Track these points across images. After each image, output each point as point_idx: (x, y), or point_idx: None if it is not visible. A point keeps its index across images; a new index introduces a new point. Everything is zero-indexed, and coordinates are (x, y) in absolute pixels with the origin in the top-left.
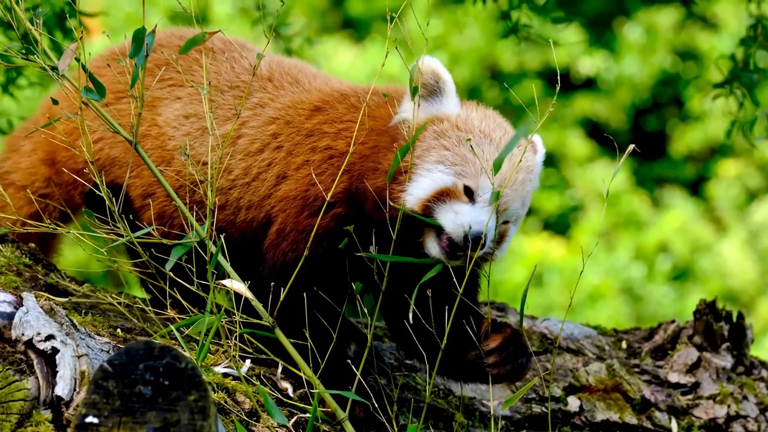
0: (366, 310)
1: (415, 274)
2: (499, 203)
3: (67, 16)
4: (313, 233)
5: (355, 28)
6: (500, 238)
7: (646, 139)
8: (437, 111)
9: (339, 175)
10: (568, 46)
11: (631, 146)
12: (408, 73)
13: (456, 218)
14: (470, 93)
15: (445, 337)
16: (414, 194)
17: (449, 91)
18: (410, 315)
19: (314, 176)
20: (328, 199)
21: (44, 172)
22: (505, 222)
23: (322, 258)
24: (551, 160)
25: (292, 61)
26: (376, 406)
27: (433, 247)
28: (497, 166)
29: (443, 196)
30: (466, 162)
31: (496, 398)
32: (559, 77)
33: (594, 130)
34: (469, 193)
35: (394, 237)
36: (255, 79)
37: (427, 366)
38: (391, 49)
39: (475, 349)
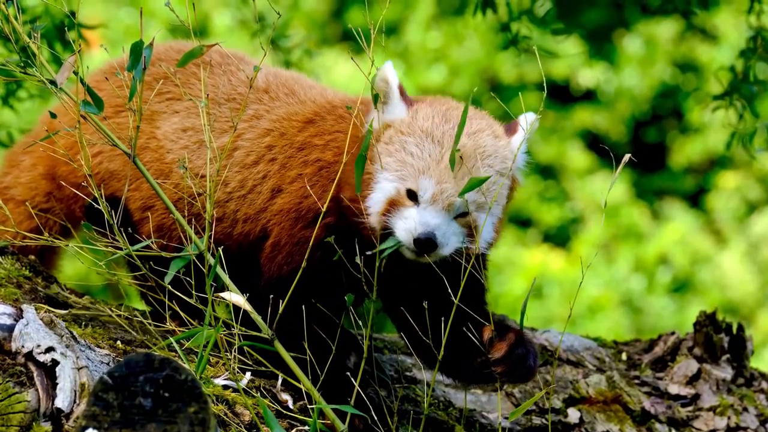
0: (360, 322)
1: (415, 274)
2: (443, 198)
3: (66, 28)
4: (310, 244)
5: (355, 40)
6: (470, 231)
7: (645, 151)
8: (387, 118)
9: (329, 186)
10: (568, 58)
11: (628, 155)
12: (370, 83)
13: (404, 224)
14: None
15: (443, 344)
16: (372, 211)
17: (393, 96)
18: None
19: (308, 188)
20: (323, 209)
21: (45, 186)
22: (463, 214)
23: (317, 269)
24: (551, 172)
25: (289, 73)
26: (376, 419)
27: (405, 251)
28: (452, 161)
29: (393, 205)
30: (405, 165)
31: (497, 410)
32: (545, 84)
33: (594, 142)
34: (413, 196)
35: (378, 247)
36: (251, 91)
37: (425, 374)
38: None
39: (480, 355)
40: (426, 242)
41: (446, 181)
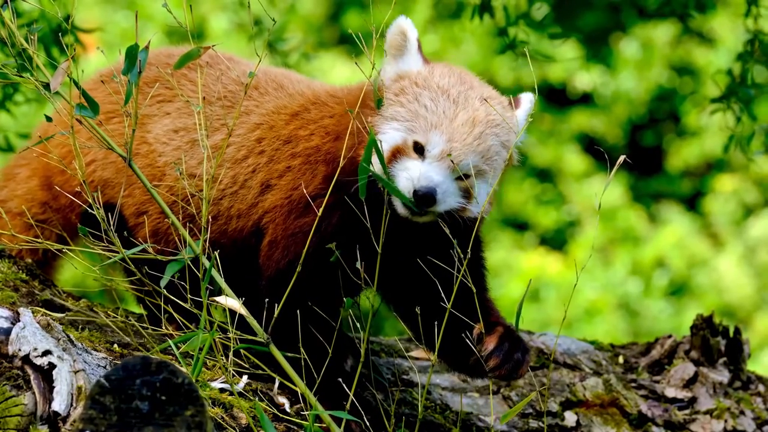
0: (358, 325)
1: (419, 250)
2: (450, 158)
3: (61, 34)
4: (311, 232)
5: (352, 44)
6: (466, 194)
7: (642, 155)
8: (401, 69)
9: (320, 168)
10: (565, 61)
11: (623, 157)
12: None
13: (407, 174)
14: None
15: (440, 336)
16: (376, 159)
17: (411, 48)
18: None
19: (297, 179)
20: (325, 202)
21: (41, 197)
22: (462, 177)
23: (315, 258)
24: (548, 175)
25: (278, 69)
26: (368, 424)
27: (398, 205)
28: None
29: (397, 154)
30: (418, 117)
31: (494, 413)
32: (535, 88)
33: (590, 145)
34: (419, 149)
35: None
36: (241, 89)
37: (421, 377)
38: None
39: (473, 354)
40: (425, 197)
41: (456, 141)
